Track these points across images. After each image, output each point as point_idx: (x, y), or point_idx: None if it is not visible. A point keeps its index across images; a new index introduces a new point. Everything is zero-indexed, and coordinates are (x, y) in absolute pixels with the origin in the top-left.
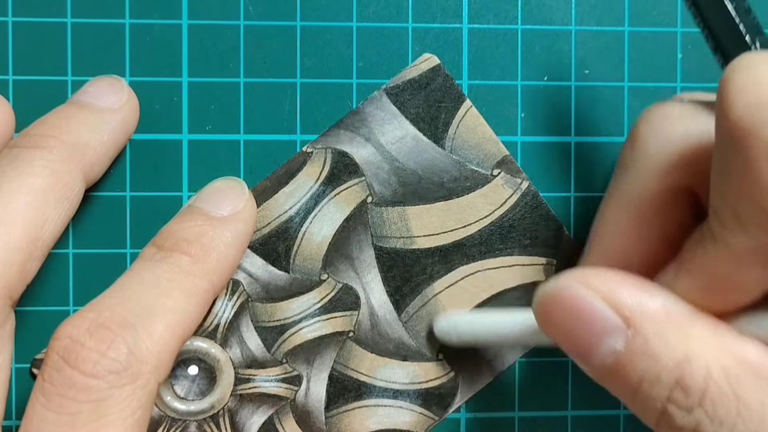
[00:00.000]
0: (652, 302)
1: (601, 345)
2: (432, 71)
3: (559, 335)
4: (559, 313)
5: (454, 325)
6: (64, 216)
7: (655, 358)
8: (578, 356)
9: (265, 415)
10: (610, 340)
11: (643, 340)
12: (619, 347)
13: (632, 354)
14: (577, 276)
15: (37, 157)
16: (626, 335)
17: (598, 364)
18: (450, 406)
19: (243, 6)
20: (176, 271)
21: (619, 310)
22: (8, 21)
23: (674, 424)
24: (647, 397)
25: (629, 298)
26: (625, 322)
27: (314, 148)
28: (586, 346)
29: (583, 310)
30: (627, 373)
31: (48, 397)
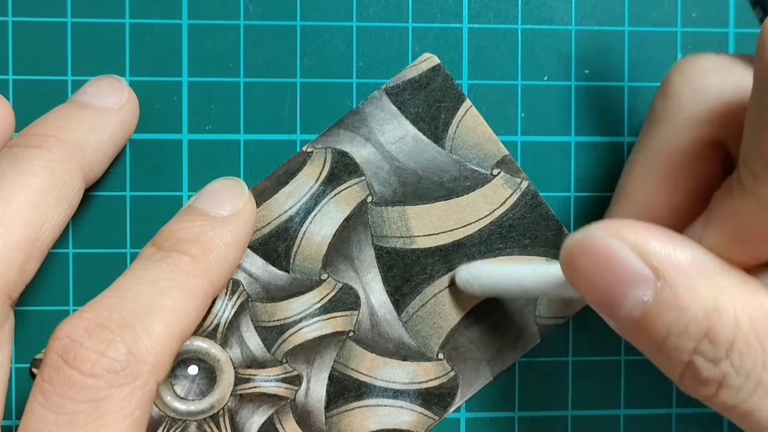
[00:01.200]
0: (682, 254)
1: (628, 296)
2: (432, 71)
3: (586, 286)
4: (587, 262)
5: (477, 275)
6: (63, 216)
7: (684, 309)
8: (604, 308)
9: (265, 415)
10: (638, 291)
11: (672, 291)
12: (648, 298)
13: (660, 305)
14: (607, 226)
15: (36, 156)
16: (655, 286)
17: (625, 316)
18: (450, 406)
19: (243, 6)
20: (176, 271)
21: (648, 261)
22: (8, 21)
23: (700, 377)
24: (673, 349)
25: (659, 249)
26: (655, 273)
27: (314, 147)
28: (614, 297)
29: (612, 260)
30: (654, 325)
31: (47, 397)
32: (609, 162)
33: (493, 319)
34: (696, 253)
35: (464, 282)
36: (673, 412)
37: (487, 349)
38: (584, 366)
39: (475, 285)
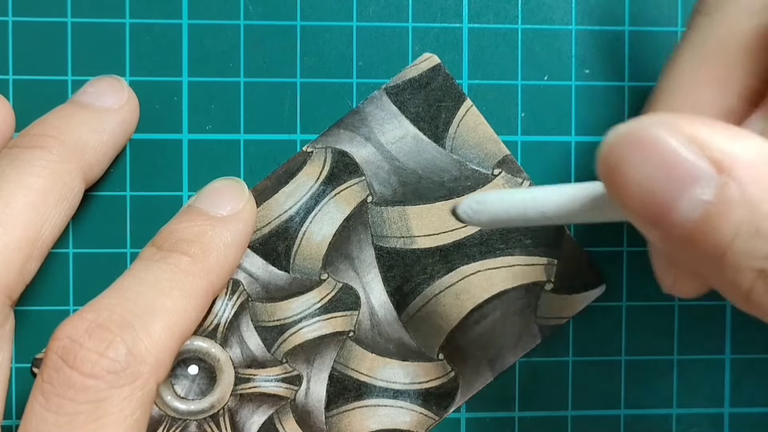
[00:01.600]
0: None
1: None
2: (432, 71)
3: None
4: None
5: (484, 202)
6: (63, 216)
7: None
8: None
9: (265, 414)
10: (697, 189)
11: (739, 186)
12: (708, 197)
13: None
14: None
15: (36, 157)
16: (717, 182)
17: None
18: (450, 406)
19: (243, 6)
20: (176, 271)
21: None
22: (8, 21)
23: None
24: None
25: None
26: (716, 168)
27: (314, 147)
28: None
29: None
30: (717, 227)
31: (47, 397)
32: None
33: (493, 319)
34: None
35: (468, 211)
36: (673, 412)
37: (487, 349)
38: (584, 366)
39: (482, 213)
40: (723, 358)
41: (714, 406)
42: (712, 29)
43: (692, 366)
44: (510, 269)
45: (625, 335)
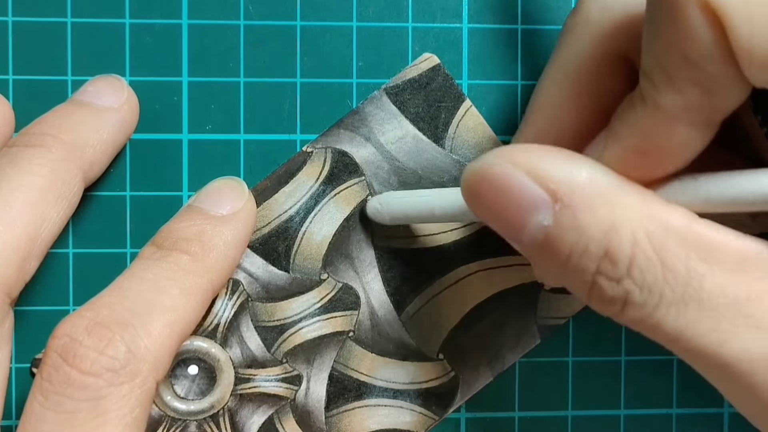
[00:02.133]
0: (578, 174)
1: (529, 221)
2: (432, 71)
3: (488, 214)
4: (485, 191)
5: (386, 203)
6: (63, 215)
7: (583, 229)
8: (509, 235)
9: (265, 414)
10: (538, 215)
11: (570, 212)
12: (548, 222)
13: (560, 227)
14: (502, 153)
15: (36, 155)
16: (553, 209)
17: (529, 242)
18: (450, 406)
19: (243, 6)
20: (175, 270)
21: (544, 184)
22: (8, 21)
23: (605, 296)
24: (577, 270)
25: (554, 171)
26: (552, 196)
27: (314, 147)
28: (516, 223)
29: (509, 186)
30: (557, 248)
31: (46, 396)
32: None
33: (493, 319)
34: (593, 171)
35: (374, 211)
36: (673, 412)
37: (487, 349)
38: (584, 366)
39: (384, 213)
40: None
41: (714, 406)
42: (566, 52)
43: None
44: (509, 269)
45: (625, 335)
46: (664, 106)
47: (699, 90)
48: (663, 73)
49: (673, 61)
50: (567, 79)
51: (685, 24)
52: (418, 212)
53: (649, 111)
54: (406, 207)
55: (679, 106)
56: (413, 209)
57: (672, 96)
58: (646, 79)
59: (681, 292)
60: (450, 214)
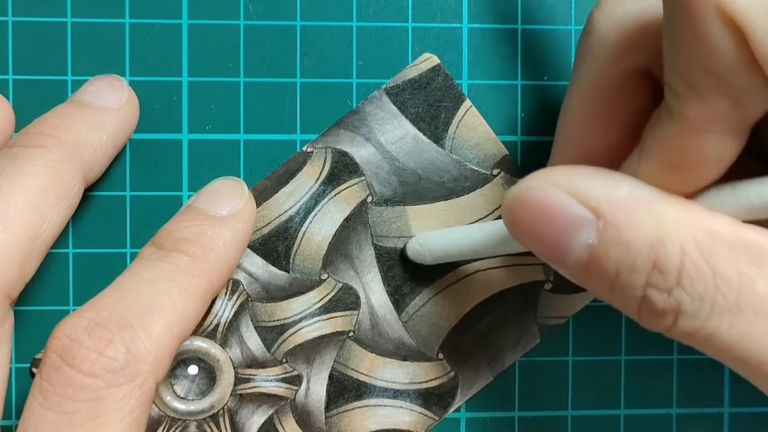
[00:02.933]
0: (619, 190)
1: (574, 242)
2: (432, 71)
3: (532, 239)
4: (527, 216)
5: (426, 244)
6: (63, 215)
7: (629, 245)
8: (553, 258)
9: (265, 414)
10: (582, 235)
11: (614, 229)
12: (592, 240)
13: (606, 245)
14: (541, 176)
15: (36, 156)
16: (597, 227)
17: (574, 263)
18: (450, 406)
19: (243, 6)
20: (175, 271)
21: (586, 203)
22: (8, 21)
23: (656, 309)
24: (626, 286)
25: (595, 190)
26: (594, 214)
27: (314, 147)
28: (560, 245)
29: (550, 208)
30: (603, 266)
31: (46, 396)
32: None
33: (493, 319)
34: (632, 187)
35: (415, 253)
36: (673, 412)
37: (487, 349)
38: (584, 366)
39: (426, 254)
40: None
41: (714, 406)
42: (585, 75)
43: (692, 366)
44: (509, 269)
45: (625, 335)
46: (692, 119)
47: (726, 100)
48: (687, 86)
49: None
50: (591, 101)
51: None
52: (459, 250)
53: (677, 124)
54: (447, 246)
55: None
56: (454, 247)
57: (699, 108)
58: (670, 92)
59: (734, 299)
60: (492, 248)
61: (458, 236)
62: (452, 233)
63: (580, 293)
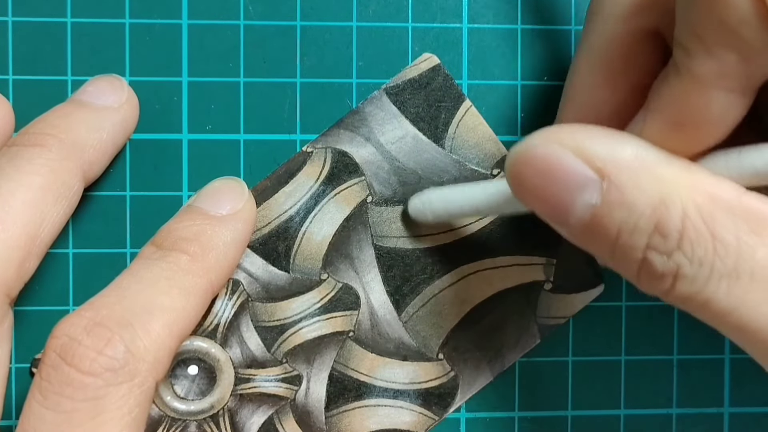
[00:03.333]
0: (624, 151)
1: (576, 201)
2: (432, 71)
3: (534, 198)
4: (531, 174)
5: (428, 202)
6: (62, 214)
7: (632, 206)
8: (555, 217)
9: (265, 414)
10: (585, 194)
11: (618, 189)
12: (595, 201)
13: (608, 205)
14: (546, 134)
15: (36, 155)
16: (601, 187)
17: (576, 222)
18: (450, 406)
19: (243, 6)
20: (175, 270)
21: (591, 163)
22: (8, 21)
23: (655, 272)
24: (626, 247)
25: (600, 149)
26: (598, 174)
27: (314, 147)
28: (562, 204)
29: (555, 167)
30: (605, 226)
31: (45, 395)
32: None
33: (493, 319)
34: (638, 148)
35: (416, 210)
36: (673, 412)
37: (487, 349)
38: (584, 366)
39: (427, 211)
40: (723, 358)
41: (714, 406)
42: (595, 34)
43: (692, 366)
44: (509, 269)
45: (625, 335)
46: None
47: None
48: (698, 41)
49: (709, 28)
50: (600, 61)
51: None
52: (460, 208)
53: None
54: (449, 204)
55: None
56: (456, 205)
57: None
58: (680, 48)
59: (732, 265)
60: (494, 207)
61: (460, 194)
62: (454, 191)
63: (580, 293)
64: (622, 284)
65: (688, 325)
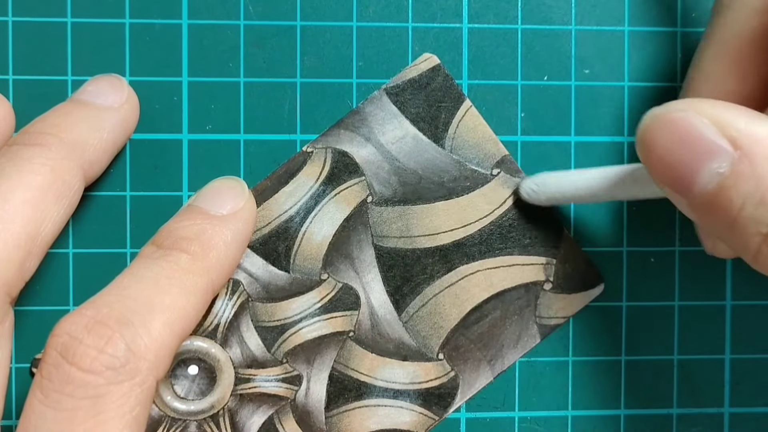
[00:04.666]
0: (761, 127)
1: (704, 168)
2: (432, 71)
3: (660, 161)
4: (664, 135)
5: (543, 184)
6: (63, 214)
7: (761, 179)
8: (678, 183)
9: (265, 414)
10: (714, 163)
11: (750, 161)
12: (723, 170)
13: (737, 176)
14: (686, 102)
15: (36, 154)
16: (732, 157)
17: (699, 191)
18: (450, 406)
19: (243, 6)
20: (175, 269)
21: (726, 133)
22: (8, 21)
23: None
24: (749, 221)
25: (738, 122)
26: (732, 145)
27: (314, 147)
28: (688, 171)
29: (689, 132)
30: (730, 198)
31: (46, 394)
32: (609, 162)
33: (492, 319)
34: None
35: (529, 191)
36: (673, 412)
37: (487, 349)
38: (584, 366)
39: (541, 193)
40: (723, 358)
41: (714, 406)
42: (726, 26)
43: (692, 366)
44: (509, 269)
45: (625, 335)
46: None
47: None
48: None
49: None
50: (729, 53)
51: None
52: (575, 190)
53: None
54: (564, 186)
55: None
56: (572, 188)
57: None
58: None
59: None
60: (610, 191)
61: (576, 177)
62: (570, 174)
63: (580, 293)
64: (622, 284)
65: (688, 325)
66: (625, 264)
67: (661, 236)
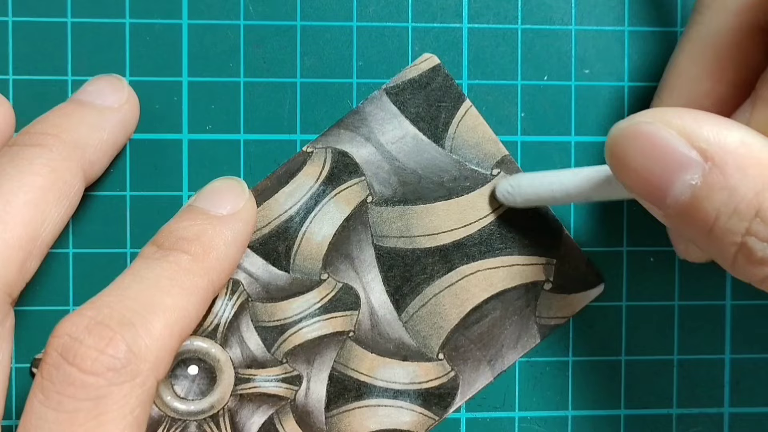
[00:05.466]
0: (730, 136)
1: (676, 181)
2: (432, 71)
3: (633, 175)
4: (633, 150)
5: (518, 185)
6: (63, 214)
7: (733, 189)
8: (651, 196)
9: (265, 415)
10: (686, 175)
11: (721, 172)
12: (696, 182)
13: (709, 187)
14: (653, 113)
15: (36, 155)
16: (703, 169)
17: (673, 202)
18: (450, 406)
19: (243, 6)
20: (176, 270)
21: (696, 144)
22: (8, 21)
23: (753, 258)
24: (724, 231)
25: (706, 133)
26: (702, 156)
27: (314, 147)
28: (661, 183)
29: (659, 145)
30: (703, 208)
31: (47, 395)
32: None
33: (492, 319)
34: (744, 134)
35: (504, 193)
36: (673, 412)
37: (487, 349)
38: (584, 366)
39: (516, 195)
40: (723, 358)
41: (714, 406)
42: (704, 26)
43: (692, 366)
44: (509, 269)
45: (625, 335)
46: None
47: None
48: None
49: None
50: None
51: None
52: (551, 192)
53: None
54: (539, 188)
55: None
56: (546, 190)
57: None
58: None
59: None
60: (585, 192)
61: (551, 179)
62: (545, 176)
63: (580, 293)
64: (622, 284)
65: (688, 325)
66: (624, 264)
67: (661, 236)
